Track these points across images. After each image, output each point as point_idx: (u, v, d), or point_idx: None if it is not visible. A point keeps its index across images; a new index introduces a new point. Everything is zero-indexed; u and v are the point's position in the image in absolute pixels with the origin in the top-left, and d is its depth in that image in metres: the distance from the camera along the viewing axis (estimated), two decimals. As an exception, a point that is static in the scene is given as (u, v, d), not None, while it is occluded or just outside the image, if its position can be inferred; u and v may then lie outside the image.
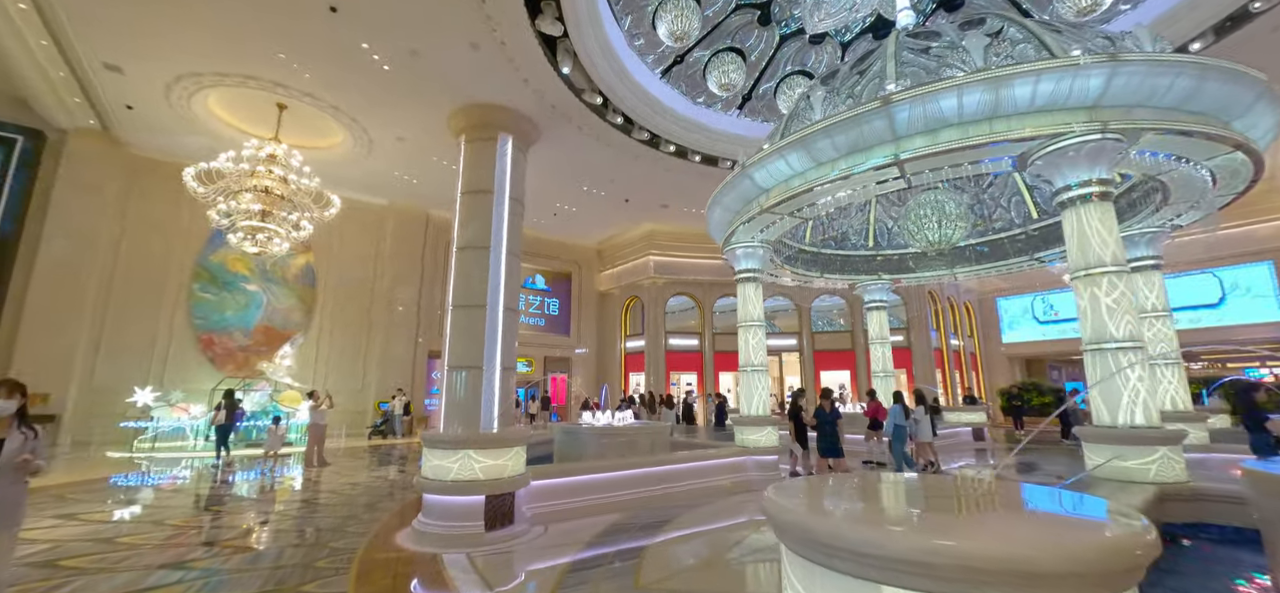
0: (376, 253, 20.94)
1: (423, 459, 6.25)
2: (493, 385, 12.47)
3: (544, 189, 19.03)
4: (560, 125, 14.85)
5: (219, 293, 17.66)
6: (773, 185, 7.46)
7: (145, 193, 16.89)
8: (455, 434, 5.68)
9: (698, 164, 17.05)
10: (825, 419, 8.95)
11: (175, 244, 17.26)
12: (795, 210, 7.71)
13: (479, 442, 6.04)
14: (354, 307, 20.17)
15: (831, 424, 8.88)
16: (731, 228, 9.10)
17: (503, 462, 5.96)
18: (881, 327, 13.19)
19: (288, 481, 9.65)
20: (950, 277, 12.12)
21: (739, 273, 9.67)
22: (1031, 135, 5.70)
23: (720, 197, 8.40)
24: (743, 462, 8.67)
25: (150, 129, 15.62)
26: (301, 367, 18.34)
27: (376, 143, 16.14)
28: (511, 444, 6.16)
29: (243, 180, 13.71)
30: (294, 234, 14.70)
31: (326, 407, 11.07)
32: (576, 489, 6.51)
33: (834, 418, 8.93)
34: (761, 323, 9.67)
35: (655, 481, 7.27)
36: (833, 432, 8.85)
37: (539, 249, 24.87)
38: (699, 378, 24.32)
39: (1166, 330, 9.19)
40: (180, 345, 16.99)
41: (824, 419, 8.97)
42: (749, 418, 9.45)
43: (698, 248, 24.45)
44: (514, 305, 13.50)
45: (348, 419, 18.96)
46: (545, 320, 25.82)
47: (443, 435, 6.14)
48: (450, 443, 6.03)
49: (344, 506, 7.32)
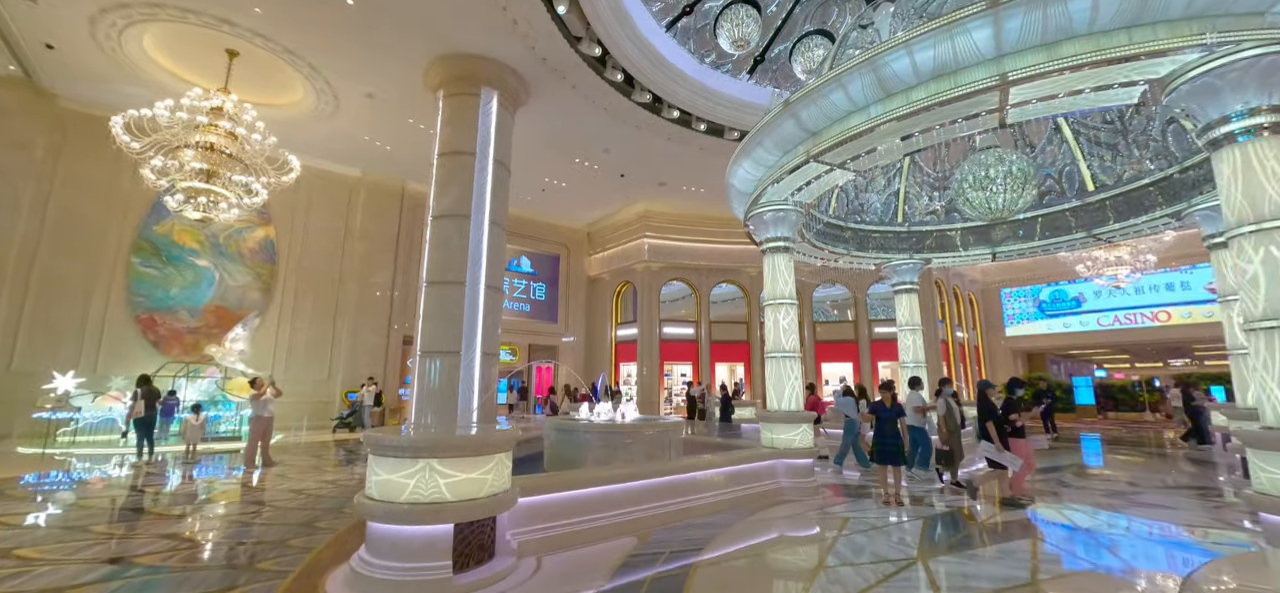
0: (346, 228, 19.08)
1: (369, 471, 4.19)
2: (472, 374, 10.88)
3: (531, 161, 17.37)
4: (552, 83, 13.21)
5: (163, 268, 15.71)
6: (824, 126, 6.01)
7: (79, 152, 14.87)
8: (411, 439, 4.06)
9: (702, 134, 15.56)
10: (885, 416, 7.50)
11: (113, 211, 15.27)
12: (851, 158, 6.26)
13: (445, 448, 4.06)
14: (320, 287, 18.32)
15: (892, 422, 7.45)
16: (760, 187, 7.62)
17: (480, 475, 4.09)
18: (912, 312, 11.88)
19: (214, 486, 7.91)
20: (1005, 254, 10.77)
21: (767, 242, 8.20)
22: (1189, 44, 4.31)
23: (752, 145, 6.91)
24: (772, 466, 7.26)
25: (80, 76, 13.62)
26: (259, 351, 16.49)
27: (342, 100, 14.34)
28: (492, 451, 4.23)
29: (184, 134, 11.84)
30: (246, 201, 12.86)
31: (272, 396, 9.41)
32: (577, 506, 4.97)
33: (896, 415, 7.47)
34: (792, 300, 8.23)
35: (671, 493, 5.81)
36: (894, 433, 7.39)
37: (525, 229, 23.19)
38: (694, 369, 22.94)
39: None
40: (117, 326, 15.05)
41: (884, 416, 7.51)
42: (779, 414, 7.85)
43: (695, 231, 23.03)
44: (498, 284, 11.88)
45: (311, 410, 17.20)
46: (531, 306, 24.19)
47: (392, 438, 4.09)
48: (405, 450, 3.99)
49: (271, 524, 5.70)
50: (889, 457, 7.44)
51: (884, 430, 7.47)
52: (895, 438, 7.37)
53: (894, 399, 7.64)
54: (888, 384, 7.58)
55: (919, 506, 7.17)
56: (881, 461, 7.47)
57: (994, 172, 7.98)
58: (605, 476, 5.31)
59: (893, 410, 7.51)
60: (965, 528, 6.17)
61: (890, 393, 7.58)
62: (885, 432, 7.47)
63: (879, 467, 7.58)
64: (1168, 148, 8.79)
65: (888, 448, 7.41)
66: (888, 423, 7.49)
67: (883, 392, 7.64)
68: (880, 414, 7.58)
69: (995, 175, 7.97)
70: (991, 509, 6.99)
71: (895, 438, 7.37)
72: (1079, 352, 31.87)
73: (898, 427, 7.41)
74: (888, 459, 7.45)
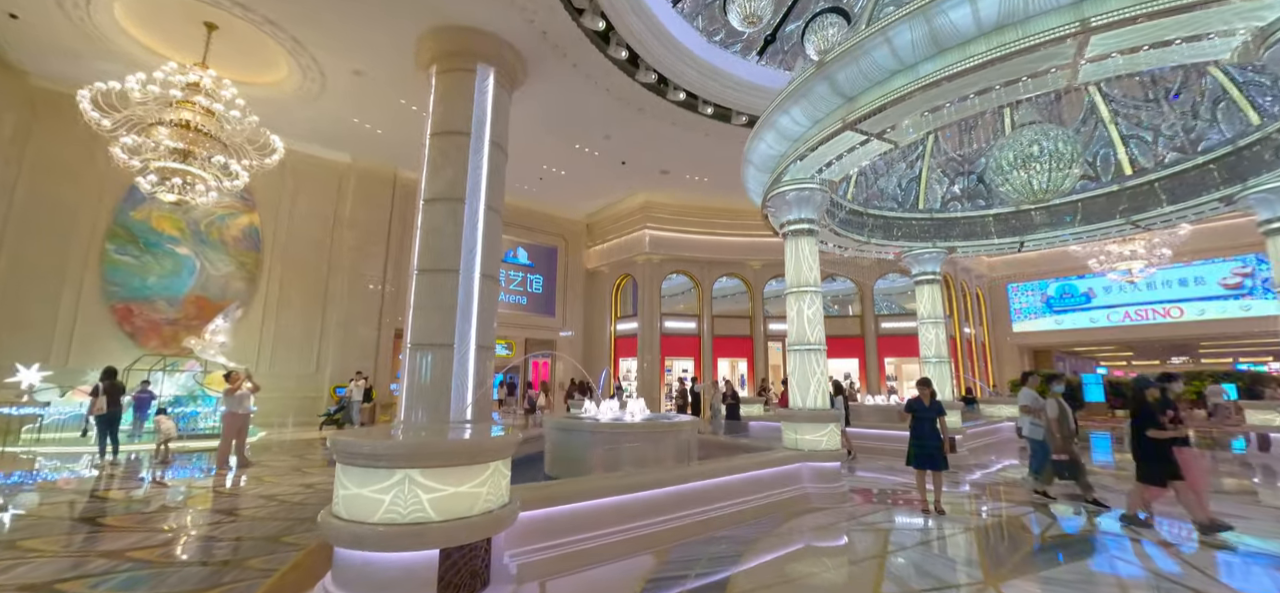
0: (335, 216, 18.29)
1: (336, 483, 3.35)
2: (466, 369, 10.18)
3: (529, 147, 16.63)
4: (552, 61, 12.48)
5: (140, 255, 14.90)
6: (864, 88, 5.33)
7: (50, 133, 14.03)
8: (387, 444, 3.24)
9: (708, 118, 14.85)
10: (923, 415, 6.70)
11: (86, 195, 14.44)
12: (892, 126, 5.58)
13: (430, 455, 3.21)
14: (307, 277, 17.54)
15: (932, 422, 6.69)
16: (783, 164, 6.93)
17: (473, 488, 3.30)
18: (934, 304, 11.22)
19: (178, 490, 7.13)
20: (1035, 243, 10.10)
21: (789, 224, 7.50)
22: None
23: (777, 113, 6.20)
24: (797, 470, 6.59)
25: (49, 50, 12.79)
26: (242, 344, 15.72)
27: (329, 78, 13.56)
28: (487, 458, 3.41)
29: (158, 111, 11.05)
30: (226, 184, 12.06)
31: (249, 391, 8.68)
32: (585, 520, 4.32)
33: (934, 414, 6.67)
34: (817, 288, 7.53)
35: (690, 502, 5.14)
36: (934, 434, 6.65)
37: (522, 219, 22.45)
38: (696, 364, 22.29)
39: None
40: (91, 316, 14.25)
41: (922, 416, 6.72)
42: (804, 412, 7.09)
43: (698, 222, 22.35)
44: (494, 273, 11.17)
45: (297, 406, 16.46)
46: (527, 299, 23.47)
47: (363, 444, 3.23)
48: (380, 458, 3.15)
49: (233, 538, 4.99)
50: (928, 461, 6.71)
51: (922, 431, 6.73)
52: (935, 439, 6.65)
53: (933, 397, 6.90)
54: (926, 381, 6.90)
55: (961, 516, 6.50)
56: (919, 464, 6.78)
57: (1036, 149, 7.32)
58: (618, 484, 4.62)
59: (932, 409, 6.78)
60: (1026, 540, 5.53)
61: (929, 390, 6.89)
62: (924, 432, 6.73)
63: (917, 472, 6.87)
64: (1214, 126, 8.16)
65: (927, 451, 6.68)
66: (926, 423, 6.75)
67: (921, 388, 6.93)
68: (917, 413, 6.84)
69: (1037, 153, 7.32)
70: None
71: (935, 439, 6.65)
72: (1083, 349, 31.40)
73: (938, 427, 6.68)
74: (926, 463, 6.72)
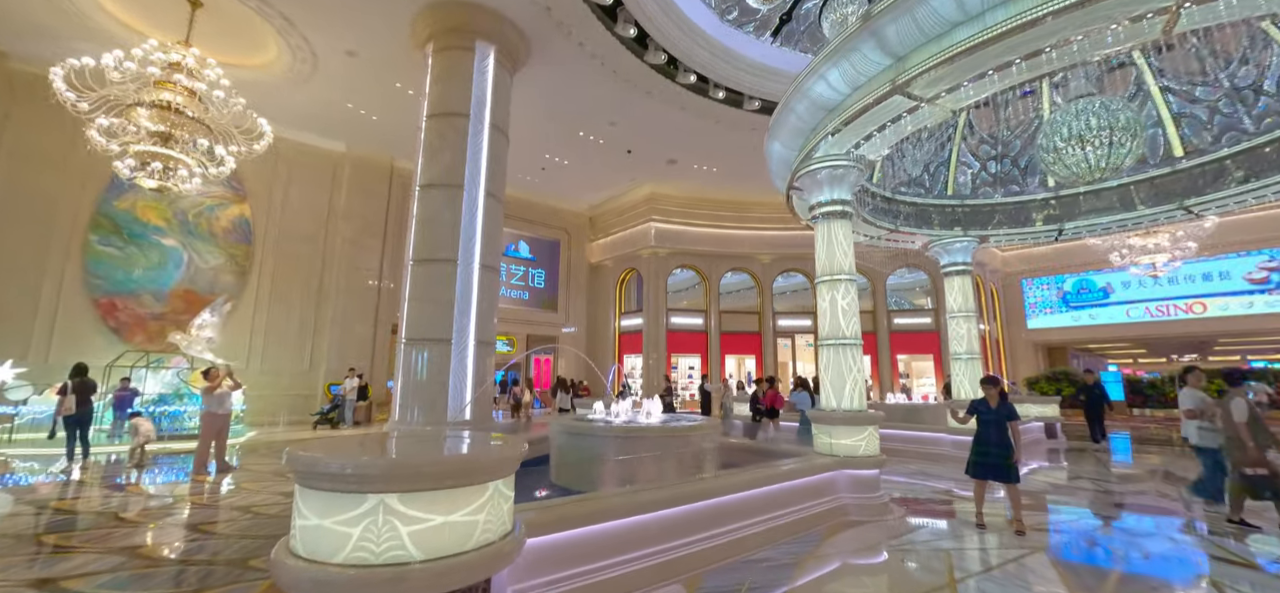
0: (330, 208, 17.62)
1: (294, 510, 2.58)
2: (465, 366, 9.52)
3: (531, 134, 15.95)
4: (556, 40, 11.79)
5: (124, 247, 14.24)
6: (918, 45, 4.63)
7: (29, 118, 13.35)
8: (356, 460, 2.47)
9: (719, 103, 14.15)
10: (989, 419, 5.83)
11: (68, 183, 13.76)
12: (945, 91, 4.89)
13: (410, 476, 2.46)
14: (301, 270, 16.87)
15: (1000, 427, 5.75)
16: (813, 140, 6.24)
17: (467, 517, 2.56)
18: (965, 296, 10.50)
19: (145, 498, 6.44)
20: (1075, 231, 9.39)
21: (820, 207, 6.77)
22: None
23: (811, 80, 5.49)
24: (832, 479, 5.91)
25: (25, 30, 12.11)
26: (232, 339, 15.06)
27: (321, 59, 12.87)
28: (484, 477, 2.66)
29: (137, 91, 10.36)
30: (212, 171, 11.38)
31: (229, 388, 8.02)
32: (602, 545, 3.59)
33: (1004, 417, 5.72)
34: (852, 275, 6.83)
35: (719, 520, 4.47)
36: (1001, 441, 5.71)
37: (524, 211, 21.77)
38: (703, 361, 21.62)
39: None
40: (72, 311, 13.59)
41: (988, 420, 5.84)
42: (840, 414, 6.36)
43: (706, 215, 21.67)
44: (494, 263, 10.50)
45: (290, 404, 15.82)
46: (529, 294, 22.80)
47: (327, 459, 2.49)
48: (347, 479, 2.42)
49: (191, 562, 4.35)
50: (992, 471, 5.81)
51: (988, 437, 5.86)
52: (1004, 447, 5.71)
53: (1003, 397, 5.90)
54: (993, 379, 6.03)
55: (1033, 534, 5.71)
56: (981, 474, 5.94)
57: (1094, 123, 6.62)
58: (639, 501, 3.95)
59: (999, 412, 5.79)
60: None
61: (995, 389, 5.94)
62: (990, 439, 5.86)
63: (976, 483, 6.06)
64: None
65: (991, 460, 5.80)
66: (993, 428, 5.81)
67: (986, 387, 5.99)
68: (982, 416, 5.92)
69: (1094, 127, 6.61)
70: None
71: (1004, 447, 5.71)
72: (1099, 346, 30.69)
73: (1008, 433, 5.71)
74: (990, 473, 5.85)
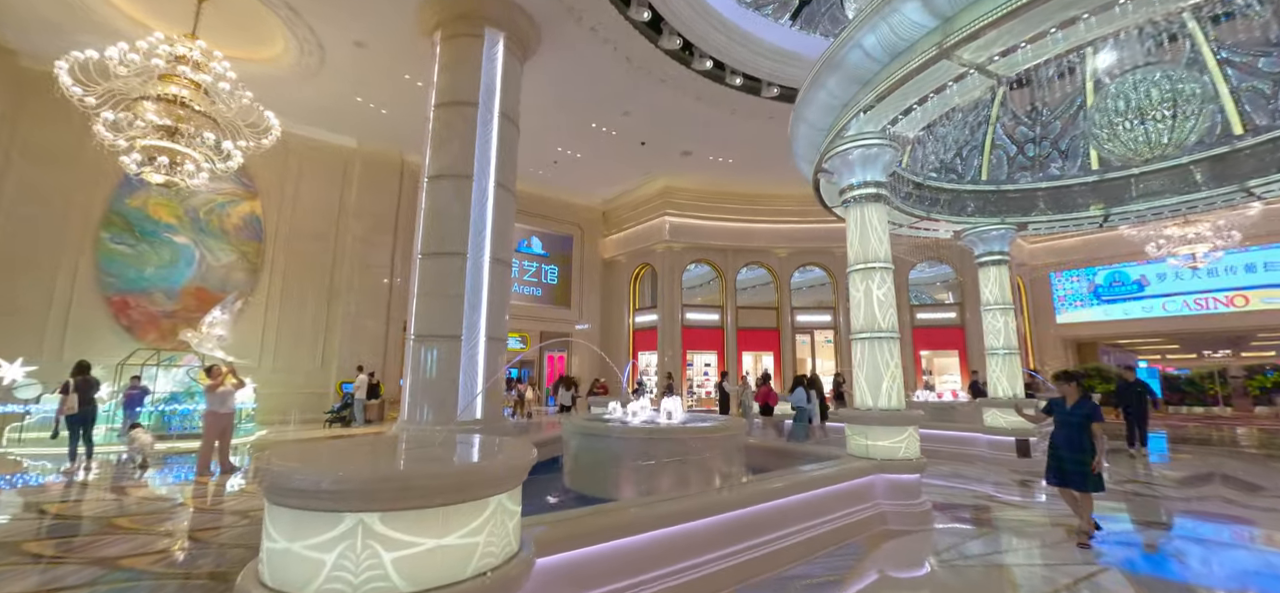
0: (341, 205, 17.43)
1: (263, 533, 2.15)
2: (475, 363, 9.18)
3: (542, 126, 15.57)
4: (567, 26, 11.38)
5: (136, 244, 14.15)
6: (968, 3, 4.12)
7: (40, 116, 13.27)
8: (329, 475, 1.99)
9: (736, 90, 13.65)
10: (1068, 420, 5.12)
11: (80, 181, 13.68)
12: (999, 53, 4.38)
13: (394, 492, 2.02)
14: (312, 268, 16.71)
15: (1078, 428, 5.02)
16: (845, 117, 5.75)
17: (463, 538, 2.14)
18: (1002, 288, 9.88)
19: (141, 502, 6.14)
20: (1122, 216, 8.75)
21: (852, 190, 6.24)
22: None
23: (846, 49, 4.99)
24: (870, 484, 5.41)
25: (32, 25, 12.03)
26: (243, 337, 14.93)
27: (329, 51, 12.62)
28: (485, 490, 2.24)
29: (143, 85, 10.16)
30: (219, 165, 11.17)
31: (232, 387, 7.76)
32: (623, 563, 3.19)
33: (1086, 417, 4.99)
34: (888, 263, 6.30)
35: (752, 531, 4.04)
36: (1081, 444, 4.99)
37: (536, 207, 21.44)
38: (720, 357, 21.13)
39: None
40: (85, 309, 13.53)
41: (1067, 421, 5.13)
42: (876, 414, 5.81)
43: (721, 208, 21.16)
44: (506, 257, 10.13)
45: (303, 402, 15.65)
46: (542, 290, 22.47)
47: (295, 472, 2.04)
48: (321, 497, 1.98)
49: (182, 574, 4.02)
50: (1069, 478, 5.06)
51: (1057, 439, 5.13)
52: (1075, 451, 5.00)
53: (1085, 396, 5.18)
54: (1069, 375, 5.36)
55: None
56: (1053, 480, 5.24)
57: (1155, 94, 6.04)
58: (663, 512, 3.53)
59: (1077, 412, 5.05)
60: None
61: (1072, 386, 5.22)
62: (1058, 441, 5.14)
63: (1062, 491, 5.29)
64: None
65: (1065, 466, 5.05)
66: (1073, 429, 5.03)
67: (1061, 384, 5.30)
68: (1059, 417, 5.20)
69: (1156, 99, 6.04)
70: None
71: (1075, 451, 5.00)
72: (1129, 341, 29.63)
73: (1093, 434, 4.93)
74: (1063, 480, 5.12)
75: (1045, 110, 9.55)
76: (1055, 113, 9.35)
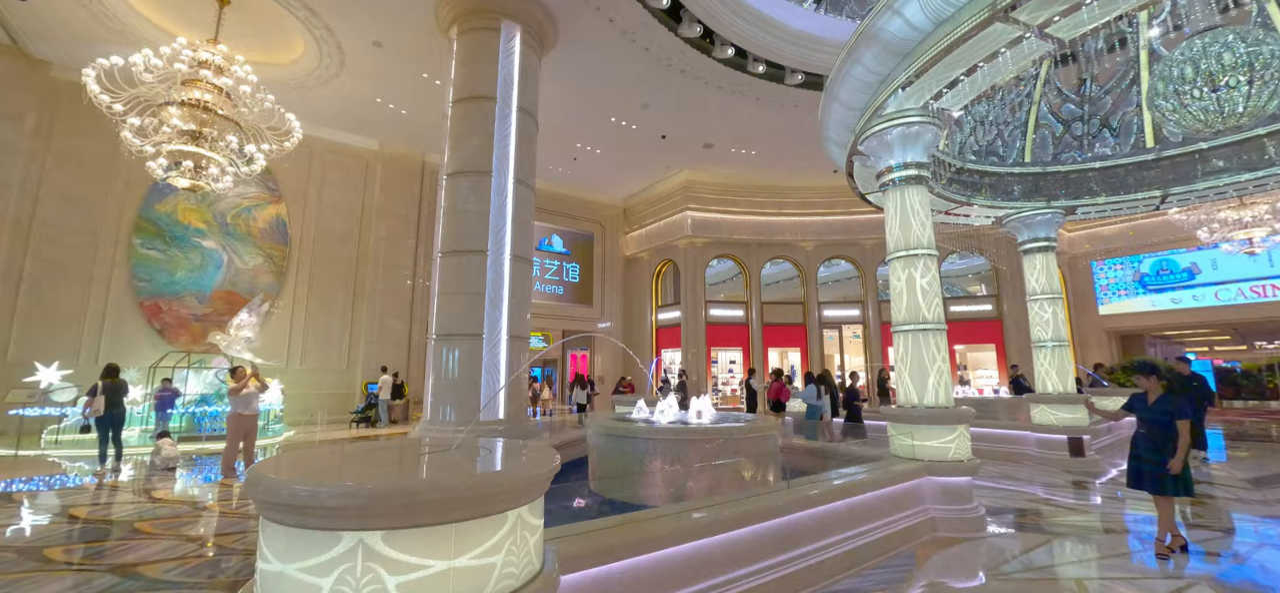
0: (364, 206, 17.52)
1: (258, 550, 1.89)
2: (497, 362, 9.00)
3: (561, 123, 15.38)
4: (584, 17, 11.14)
5: (167, 249, 14.40)
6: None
7: (72, 126, 13.59)
8: (327, 488, 1.70)
9: (758, 78, 13.24)
10: (1147, 417, 4.59)
11: (112, 189, 13.99)
12: (1059, 13, 3.95)
13: (396, 506, 1.73)
14: (337, 269, 16.83)
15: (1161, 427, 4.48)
16: (883, 94, 5.35)
17: (477, 559, 1.85)
18: (1049, 276, 9.23)
19: (159, 505, 6.10)
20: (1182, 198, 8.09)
21: (890, 173, 5.79)
22: None
23: (885, 20, 4.59)
24: (917, 488, 5.03)
25: (64, 36, 12.27)
26: (271, 339, 15.11)
27: (348, 53, 12.61)
28: (503, 503, 1.95)
29: (168, 90, 10.26)
30: (243, 168, 11.24)
31: (255, 389, 7.73)
32: (656, 577, 2.92)
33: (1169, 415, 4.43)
34: (932, 250, 5.85)
35: (794, 541, 3.71)
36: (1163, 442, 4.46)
37: (557, 205, 21.30)
38: (745, 354, 20.70)
39: None
40: (120, 313, 13.82)
41: (1151, 419, 4.56)
42: (922, 412, 5.36)
43: (744, 202, 20.72)
44: (527, 254, 9.94)
45: (330, 402, 15.77)
46: (564, 288, 22.32)
47: (287, 484, 1.75)
48: (317, 510, 1.71)
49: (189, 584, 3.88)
50: (1145, 481, 4.55)
51: (1153, 440, 4.53)
52: (1155, 451, 4.49)
53: (1170, 390, 4.58)
54: (1149, 366, 4.71)
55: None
56: (1133, 483, 4.70)
57: (1229, 59, 5.50)
58: (699, 523, 3.23)
59: (1159, 409, 4.50)
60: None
61: (1152, 380, 4.63)
62: (1137, 441, 4.61)
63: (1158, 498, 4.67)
64: None
65: (1145, 467, 4.53)
66: (1157, 428, 4.49)
67: (1141, 378, 4.70)
68: (1141, 415, 4.66)
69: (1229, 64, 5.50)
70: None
71: (1155, 451, 4.49)
72: (1178, 332, 28.16)
73: (1177, 433, 4.38)
74: (1143, 483, 4.59)
75: (1093, 85, 8.93)
76: (1105, 87, 8.73)
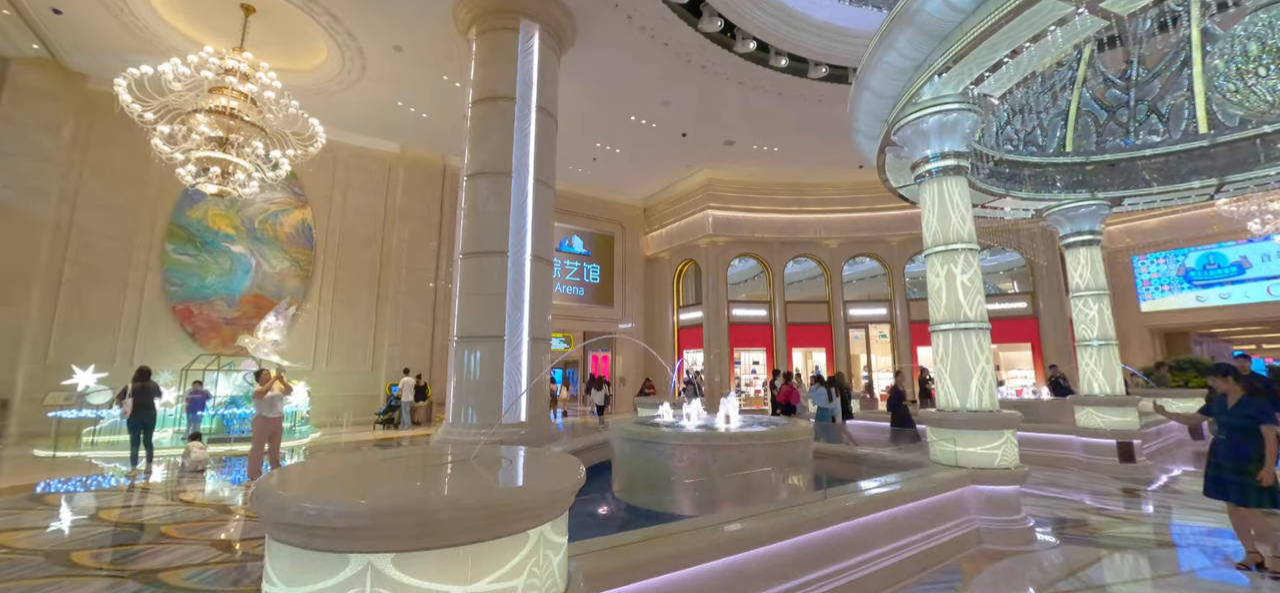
0: (387, 209, 17.68)
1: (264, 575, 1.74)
2: (519, 363, 8.90)
3: (580, 122, 15.27)
4: (603, 14, 11.00)
5: (198, 255, 14.71)
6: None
7: (107, 136, 13.96)
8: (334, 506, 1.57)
9: (781, 72, 12.94)
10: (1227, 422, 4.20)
11: (145, 196, 14.34)
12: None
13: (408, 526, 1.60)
14: (361, 272, 17.02)
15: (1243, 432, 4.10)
16: (918, 82, 5.07)
17: (496, 583, 1.71)
18: (1094, 271, 8.72)
19: (192, 509, 6.15)
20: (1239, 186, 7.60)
21: (927, 164, 5.50)
22: None
23: (924, 1, 4.33)
24: (960, 497, 4.74)
25: (96, 47, 12.61)
26: (298, 341, 15.32)
27: (369, 58, 12.69)
28: (524, 522, 1.81)
29: (197, 98, 10.46)
30: (268, 174, 11.40)
31: (279, 391, 7.77)
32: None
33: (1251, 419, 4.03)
34: (973, 244, 5.52)
35: (833, 555, 3.49)
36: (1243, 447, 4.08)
37: (576, 205, 21.23)
38: (768, 355, 20.34)
39: None
40: (153, 317, 14.15)
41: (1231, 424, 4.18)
42: (964, 416, 5.04)
43: (766, 200, 20.38)
44: (547, 255, 9.84)
45: (356, 404, 15.94)
46: (584, 289, 22.25)
47: (293, 500, 1.65)
48: (322, 533, 1.59)
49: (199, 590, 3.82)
50: (1224, 490, 4.17)
51: (1234, 447, 4.14)
52: (1236, 458, 4.06)
53: (1251, 393, 4.21)
54: (1226, 368, 4.35)
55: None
56: (1211, 492, 4.35)
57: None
58: (733, 536, 3.04)
59: (1246, 412, 4.10)
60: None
61: (1229, 382, 4.25)
62: (1237, 449, 4.13)
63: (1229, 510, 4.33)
64: None
65: (1224, 474, 4.15)
66: (1238, 433, 4.10)
67: (1216, 380, 4.31)
68: (1221, 419, 4.28)
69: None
70: None
71: (1236, 458, 4.06)
72: (1225, 330, 26.83)
73: (1262, 439, 3.97)
74: (1220, 492, 4.23)
75: (1140, 69, 8.45)
76: (1154, 71, 8.25)
